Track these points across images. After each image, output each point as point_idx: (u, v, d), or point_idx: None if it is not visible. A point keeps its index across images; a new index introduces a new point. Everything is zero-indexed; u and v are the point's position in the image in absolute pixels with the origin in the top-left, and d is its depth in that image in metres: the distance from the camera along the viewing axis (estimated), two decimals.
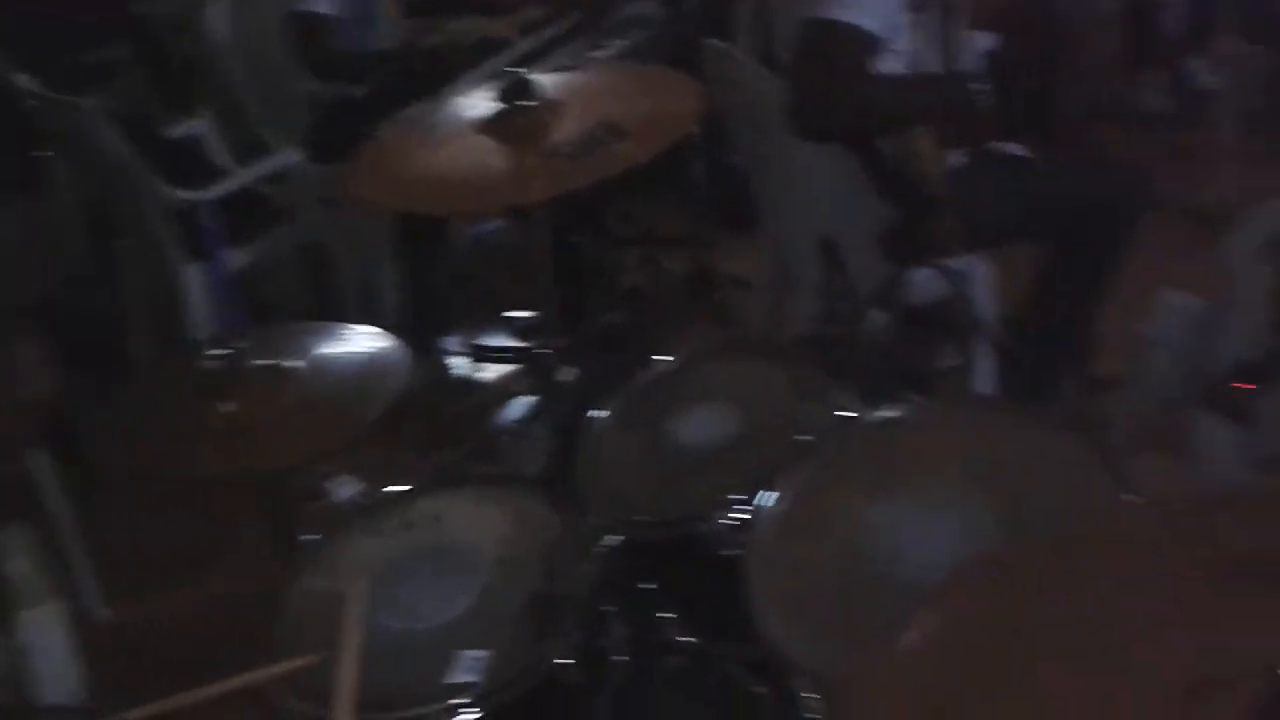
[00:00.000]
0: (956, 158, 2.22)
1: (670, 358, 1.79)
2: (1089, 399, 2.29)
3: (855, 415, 1.51)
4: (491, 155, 1.78)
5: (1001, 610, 1.01)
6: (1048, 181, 2.29)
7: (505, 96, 1.82)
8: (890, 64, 2.04)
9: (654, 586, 1.54)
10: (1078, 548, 1.09)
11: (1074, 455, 1.38)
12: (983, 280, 2.21)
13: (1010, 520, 1.29)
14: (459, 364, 2.92)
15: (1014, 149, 2.32)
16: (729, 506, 1.44)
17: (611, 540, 1.46)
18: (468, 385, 2.85)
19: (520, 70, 1.90)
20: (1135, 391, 2.04)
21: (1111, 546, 1.09)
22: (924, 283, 2.14)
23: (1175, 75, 3.67)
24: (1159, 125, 3.61)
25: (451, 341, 2.95)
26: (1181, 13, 3.62)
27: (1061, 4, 3.45)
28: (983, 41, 2.44)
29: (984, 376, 2.20)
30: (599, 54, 2.98)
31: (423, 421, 2.41)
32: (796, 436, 1.49)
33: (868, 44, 1.96)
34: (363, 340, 1.72)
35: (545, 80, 1.87)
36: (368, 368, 1.65)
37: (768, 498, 1.39)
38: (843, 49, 1.96)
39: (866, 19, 1.94)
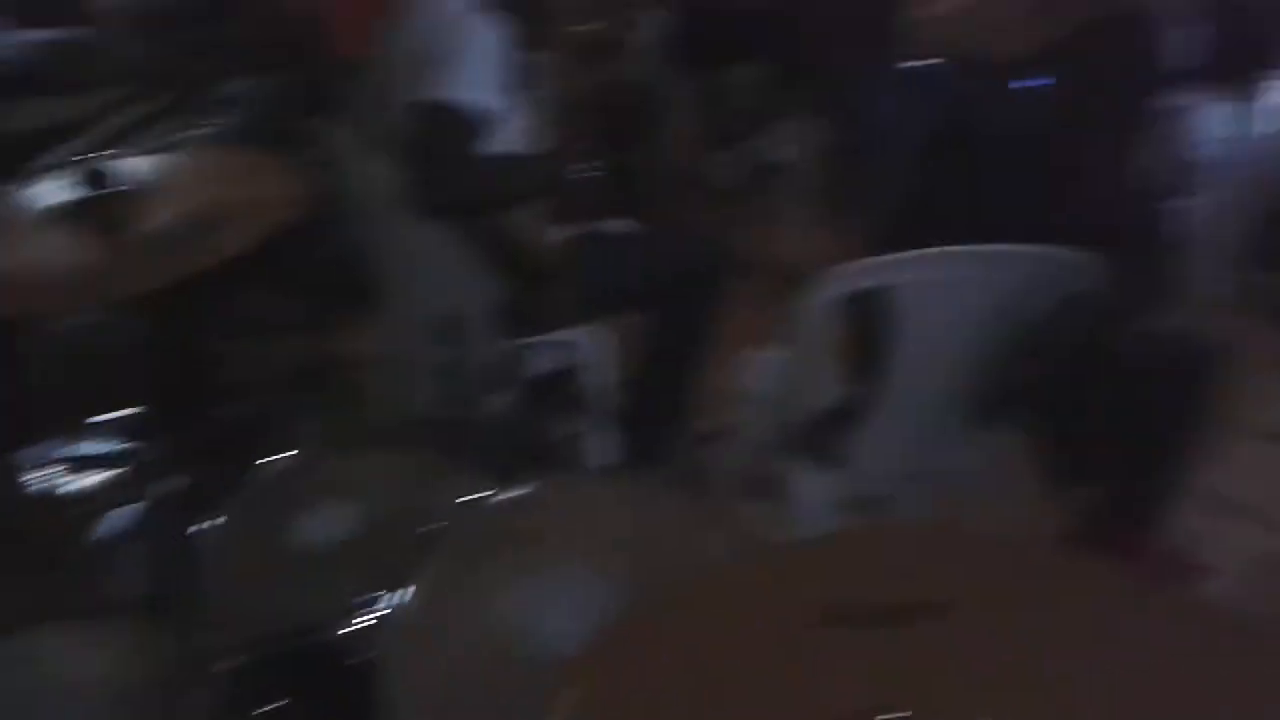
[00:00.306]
0: (568, 233, 2.31)
1: (289, 453, 1.71)
2: (697, 455, 2.43)
3: (484, 497, 1.50)
4: (73, 248, 1.65)
5: (629, 676, 1.05)
6: (648, 253, 2.43)
7: (87, 184, 1.69)
8: (501, 143, 2.10)
9: (285, 704, 1.46)
10: (692, 604, 1.15)
11: (688, 513, 1.45)
12: (599, 350, 2.30)
13: (639, 585, 1.33)
14: (48, 476, 2.63)
15: (619, 223, 2.44)
16: (361, 608, 1.40)
17: (234, 661, 1.36)
18: (60, 500, 2.57)
19: (105, 155, 1.77)
20: (737, 444, 2.19)
21: (723, 599, 1.15)
22: (543, 356, 2.19)
23: (747, 151, 4.03)
24: (738, 196, 3.95)
25: (38, 451, 2.66)
26: (750, 95, 4.00)
27: (654, 88, 3.71)
28: (589, 122, 2.57)
29: (605, 443, 2.28)
30: (193, 135, 2.84)
31: (6, 547, 2.15)
32: (426, 526, 1.47)
33: (478, 124, 2.00)
34: None
35: (134, 166, 1.75)
36: None
37: (401, 594, 1.35)
38: (453, 129, 1.99)
39: (476, 100, 1.98)
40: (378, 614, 1.36)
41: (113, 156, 1.76)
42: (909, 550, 1.23)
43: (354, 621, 1.40)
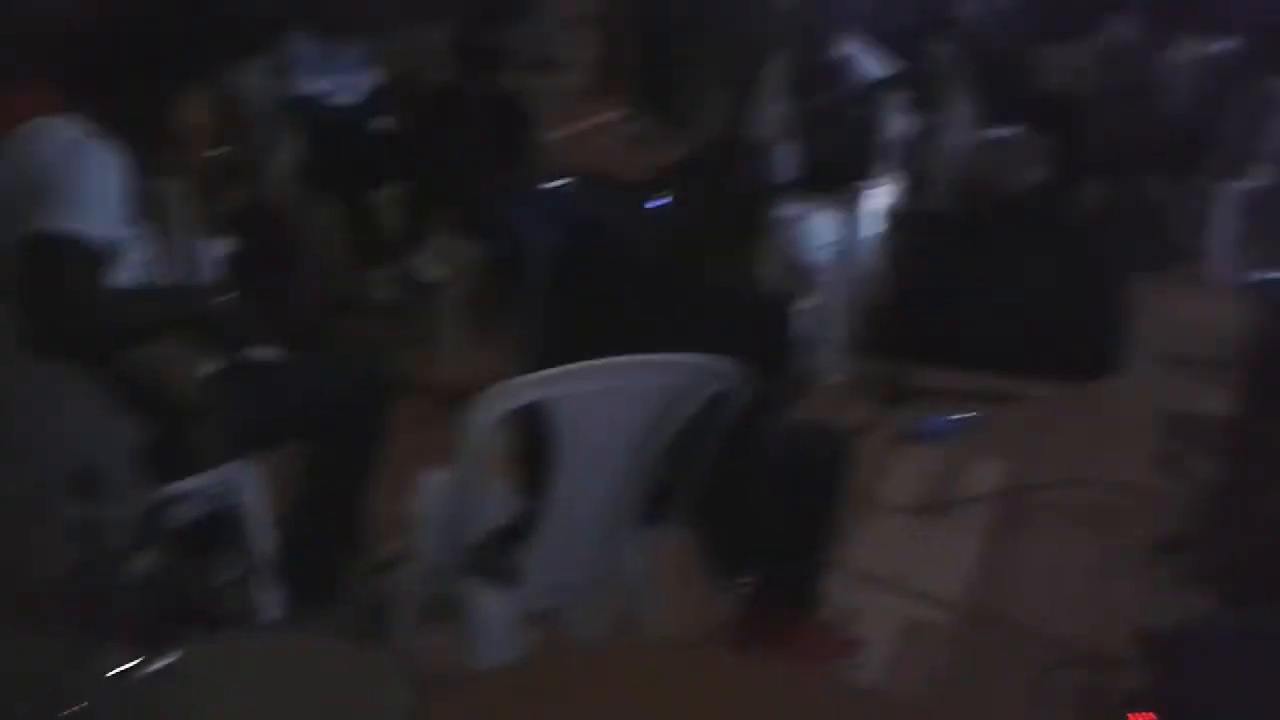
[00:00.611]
0: (211, 365, 2.20)
1: None
2: (370, 587, 2.35)
3: (132, 669, 1.38)
4: None
5: None
6: (300, 379, 2.35)
7: None
8: (126, 275, 1.98)
9: None
10: None
11: (363, 657, 1.40)
12: (255, 489, 2.18)
13: None
14: None
15: (264, 351, 2.35)
16: None
17: None
18: None
19: None
20: (411, 570, 2.14)
21: None
22: (192, 502, 2.05)
23: (399, 269, 4.04)
24: (393, 315, 3.94)
25: None
26: (396, 214, 4.03)
27: (295, 210, 3.66)
28: (220, 247, 2.47)
29: (268, 591, 2.16)
30: None
31: None
32: (67, 710, 1.32)
33: (98, 256, 1.89)
34: None
35: None
36: None
37: None
38: (70, 263, 1.87)
39: (93, 230, 1.87)
40: None
41: None
42: (582, 675, 1.26)
43: None
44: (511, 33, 4.07)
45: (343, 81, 4.13)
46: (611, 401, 1.88)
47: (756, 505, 2.19)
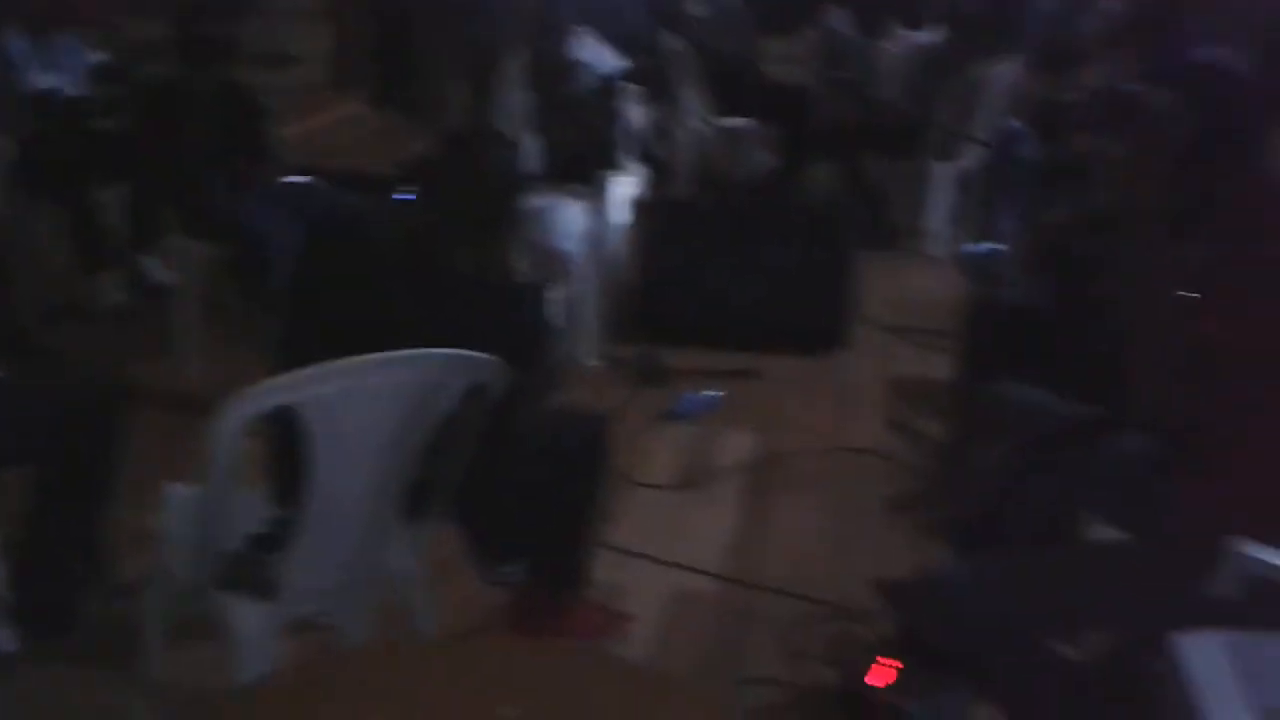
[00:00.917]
0: None
1: None
2: (116, 608, 2.22)
3: None
4: None
5: None
6: (19, 396, 2.20)
7: None
8: None
9: None
10: None
11: (106, 686, 1.33)
12: None
13: None
14: None
15: None
16: None
17: None
18: None
19: None
20: (160, 587, 2.04)
21: None
22: None
23: (129, 273, 3.81)
24: (123, 321, 3.72)
25: None
26: (123, 216, 3.79)
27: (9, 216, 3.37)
28: None
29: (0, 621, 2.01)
30: None
31: None
32: None
33: None
34: None
35: None
36: None
37: None
38: None
39: None
40: None
41: None
42: (351, 678, 1.24)
43: None
44: (238, 25, 3.89)
45: (59, 76, 3.86)
46: (363, 401, 1.84)
47: (519, 493, 2.21)
